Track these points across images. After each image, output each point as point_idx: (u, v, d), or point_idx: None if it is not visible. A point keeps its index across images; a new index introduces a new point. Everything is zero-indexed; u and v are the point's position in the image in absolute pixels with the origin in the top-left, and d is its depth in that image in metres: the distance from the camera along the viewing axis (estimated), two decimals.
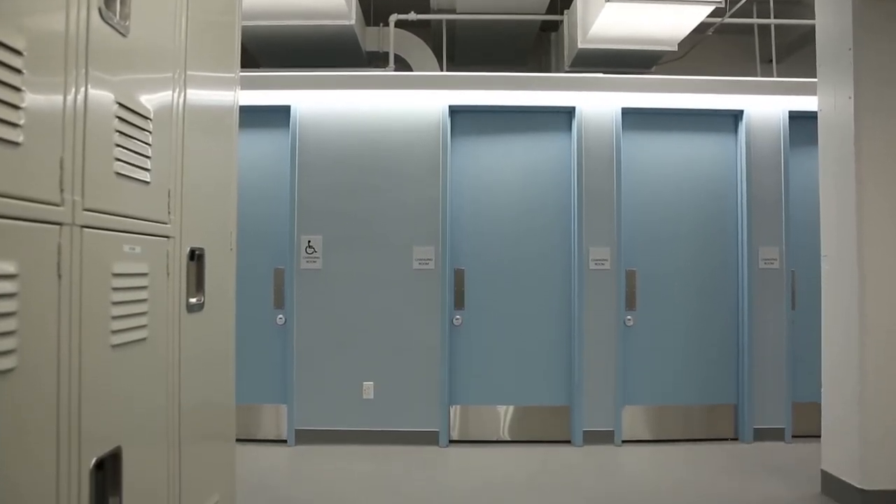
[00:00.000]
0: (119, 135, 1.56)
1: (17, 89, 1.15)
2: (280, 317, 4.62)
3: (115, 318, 1.54)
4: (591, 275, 4.63)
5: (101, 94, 1.47)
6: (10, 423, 1.14)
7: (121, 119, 1.56)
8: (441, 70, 5.34)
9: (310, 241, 4.61)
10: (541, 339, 4.70)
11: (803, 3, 5.43)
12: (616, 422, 4.60)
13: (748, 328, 4.66)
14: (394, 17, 5.08)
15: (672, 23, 4.56)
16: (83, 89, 1.38)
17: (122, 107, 1.57)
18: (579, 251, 4.62)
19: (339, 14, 4.57)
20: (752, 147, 4.72)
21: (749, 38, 5.60)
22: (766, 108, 4.74)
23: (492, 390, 4.68)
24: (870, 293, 3.36)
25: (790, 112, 4.72)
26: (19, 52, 1.15)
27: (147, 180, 1.71)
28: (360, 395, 4.58)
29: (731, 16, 5.06)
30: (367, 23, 5.49)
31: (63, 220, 1.31)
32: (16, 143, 1.15)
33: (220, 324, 2.36)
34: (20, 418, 1.17)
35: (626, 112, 4.69)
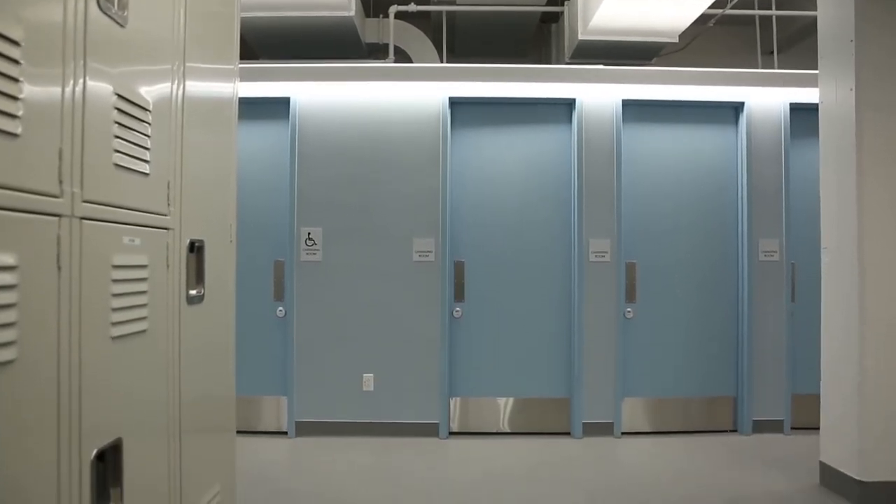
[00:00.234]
0: (118, 126, 1.55)
1: (15, 80, 1.15)
2: (280, 309, 4.62)
3: (115, 309, 1.54)
4: (591, 267, 4.63)
5: (99, 84, 1.46)
6: (11, 414, 1.14)
7: (120, 110, 1.56)
8: (441, 61, 5.32)
9: (310, 233, 4.60)
10: (541, 332, 4.70)
11: None
12: (616, 414, 4.61)
13: (748, 320, 4.67)
14: (393, 9, 5.06)
15: (673, 14, 4.54)
16: (81, 80, 1.37)
17: (121, 98, 1.56)
18: (579, 243, 4.62)
19: (338, 5, 4.56)
20: (752, 139, 4.71)
21: (750, 29, 5.57)
22: (767, 99, 4.72)
23: (492, 382, 4.69)
24: (870, 285, 3.36)
25: (791, 104, 4.70)
26: (17, 43, 1.14)
27: (146, 172, 1.71)
28: (360, 387, 4.59)
29: (732, 7, 5.04)
30: (367, 14, 5.47)
31: (62, 212, 1.30)
32: (14, 135, 1.15)
33: (220, 316, 2.36)
34: (20, 410, 1.17)
35: (627, 104, 4.68)
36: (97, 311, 1.46)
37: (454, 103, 4.71)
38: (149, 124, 1.71)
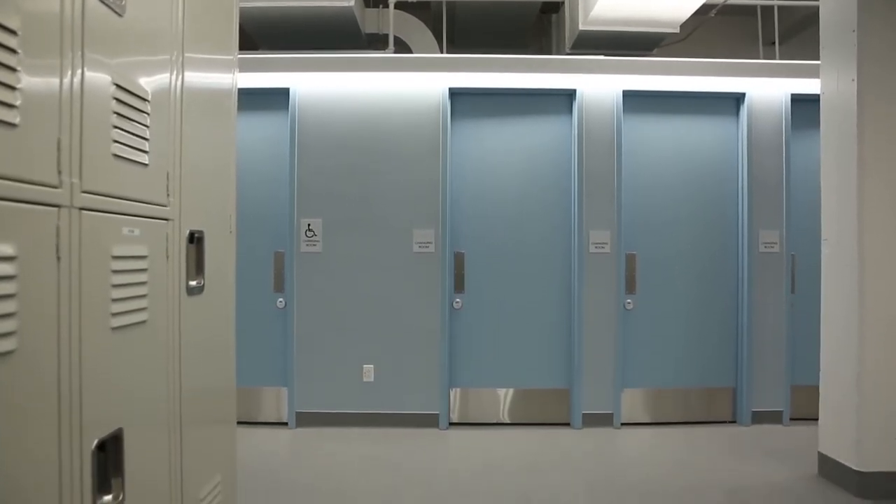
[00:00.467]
0: (117, 116, 1.55)
1: (13, 69, 1.14)
2: (280, 300, 4.63)
3: (115, 300, 1.54)
4: (591, 258, 4.63)
5: (97, 74, 1.45)
6: (11, 404, 1.14)
7: (118, 100, 1.55)
8: (441, 52, 5.30)
9: (309, 224, 4.60)
10: (541, 323, 4.71)
11: None
12: (615, 405, 4.63)
13: (748, 312, 4.67)
14: None
15: (674, 4, 4.52)
16: (79, 69, 1.37)
17: (120, 88, 1.55)
18: (579, 234, 4.62)
19: None
20: (753, 130, 4.70)
21: (752, 19, 5.55)
22: (768, 90, 4.71)
23: (492, 373, 4.70)
24: (870, 277, 3.37)
25: (792, 95, 4.69)
26: (14, 32, 1.14)
27: (145, 162, 1.70)
28: (360, 378, 4.60)
29: None
30: (367, 4, 5.44)
31: (61, 203, 1.30)
32: (12, 125, 1.14)
33: (220, 307, 2.36)
34: (21, 400, 1.17)
35: (628, 95, 4.67)
36: (97, 301, 1.46)
37: (454, 94, 4.69)
38: (148, 115, 1.70)
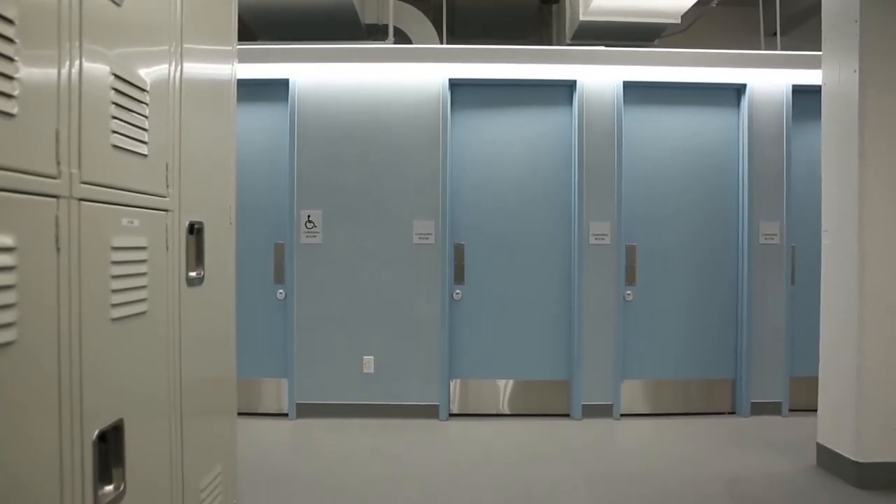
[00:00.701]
0: (115, 107, 1.54)
1: (11, 59, 1.14)
2: (280, 292, 4.63)
3: (115, 291, 1.54)
4: (591, 250, 4.63)
5: (96, 64, 1.45)
6: (12, 395, 1.15)
7: (117, 91, 1.54)
8: (441, 43, 5.27)
9: (309, 216, 4.60)
10: (540, 314, 4.72)
11: None
12: (615, 396, 4.64)
13: (747, 303, 4.67)
14: None
15: None
16: (78, 60, 1.36)
17: (118, 78, 1.55)
18: (579, 226, 4.62)
19: None
20: (754, 121, 4.69)
21: (753, 10, 5.51)
22: (769, 81, 4.69)
23: (491, 364, 4.71)
24: (870, 269, 3.36)
25: (794, 86, 4.67)
26: (11, 22, 1.13)
27: (144, 153, 1.70)
28: (360, 370, 4.61)
29: None
30: None
31: (60, 193, 1.30)
32: (10, 115, 1.14)
33: (220, 298, 2.36)
34: (21, 391, 1.17)
35: (628, 85, 4.65)
36: (97, 292, 1.46)
37: (454, 85, 4.68)
38: (147, 105, 1.70)
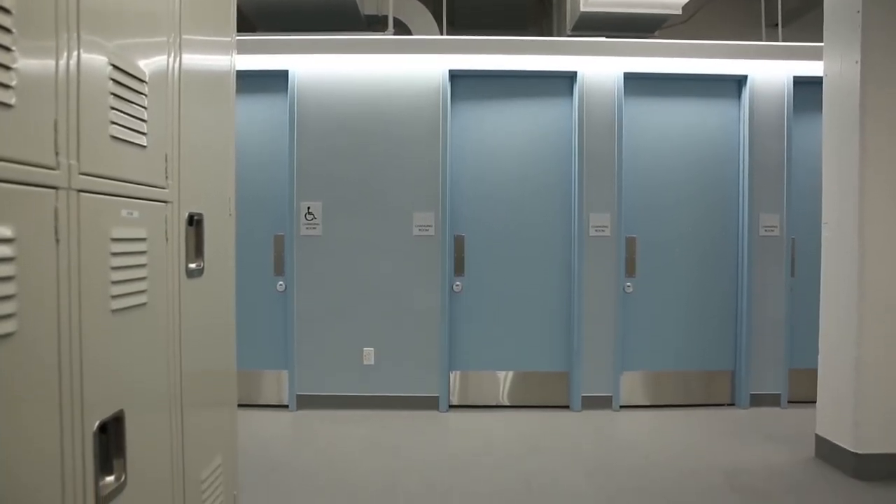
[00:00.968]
0: (114, 98, 1.53)
1: (8, 49, 1.13)
2: (280, 283, 4.63)
3: (115, 283, 1.54)
4: (591, 241, 4.63)
5: (94, 55, 1.44)
6: (12, 386, 1.15)
7: (115, 82, 1.54)
8: (441, 34, 5.25)
9: (309, 208, 4.59)
10: (540, 306, 4.72)
11: None
12: (615, 387, 4.65)
13: (747, 295, 4.68)
14: None
15: None
16: (76, 50, 1.35)
17: (117, 69, 1.54)
18: (579, 217, 4.61)
19: None
20: (755, 113, 4.68)
21: (754, 1, 5.48)
22: (770, 73, 4.68)
23: (491, 356, 4.72)
24: (870, 261, 3.37)
25: (795, 77, 4.66)
26: (8, 11, 1.12)
27: (144, 144, 1.69)
28: (360, 361, 4.62)
29: None
30: None
31: (59, 184, 1.29)
32: (8, 105, 1.13)
33: (220, 289, 2.36)
34: (22, 381, 1.17)
35: (629, 77, 4.64)
36: (97, 284, 1.45)
37: (454, 76, 4.66)
38: (145, 96, 1.69)
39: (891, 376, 3.37)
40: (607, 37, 4.67)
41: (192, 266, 2.04)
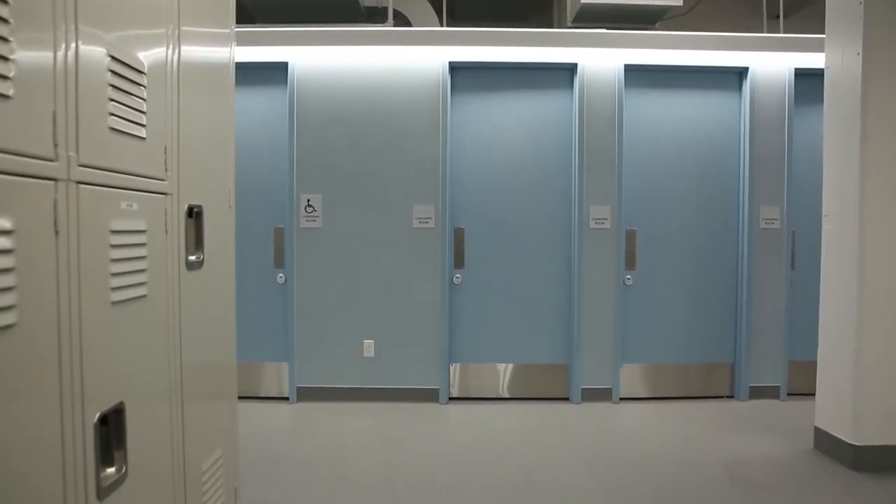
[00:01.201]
0: (113, 89, 1.53)
1: (5, 40, 1.12)
2: (280, 276, 4.63)
3: (115, 275, 1.54)
4: (591, 234, 4.62)
5: (92, 46, 1.43)
6: (12, 377, 1.15)
7: (114, 73, 1.53)
8: (441, 26, 5.23)
9: (309, 200, 4.59)
10: (540, 298, 4.72)
11: None
12: (614, 380, 4.66)
13: (747, 288, 4.68)
14: None
15: None
16: (74, 41, 1.35)
17: (115, 60, 1.53)
18: (580, 210, 4.61)
19: None
20: (756, 105, 4.66)
21: None
22: (771, 65, 4.66)
23: (491, 348, 4.73)
24: (870, 253, 3.36)
25: (796, 69, 4.64)
26: (5, 1, 1.12)
27: (143, 136, 1.69)
28: (360, 354, 4.62)
29: None
30: None
31: (58, 176, 1.29)
32: (6, 97, 1.13)
33: (220, 282, 2.36)
34: (22, 373, 1.18)
35: (629, 69, 4.62)
36: (96, 276, 1.45)
37: (454, 68, 4.65)
38: (144, 87, 1.69)
39: (890, 369, 3.37)
40: (608, 28, 4.65)
41: (192, 258, 2.04)
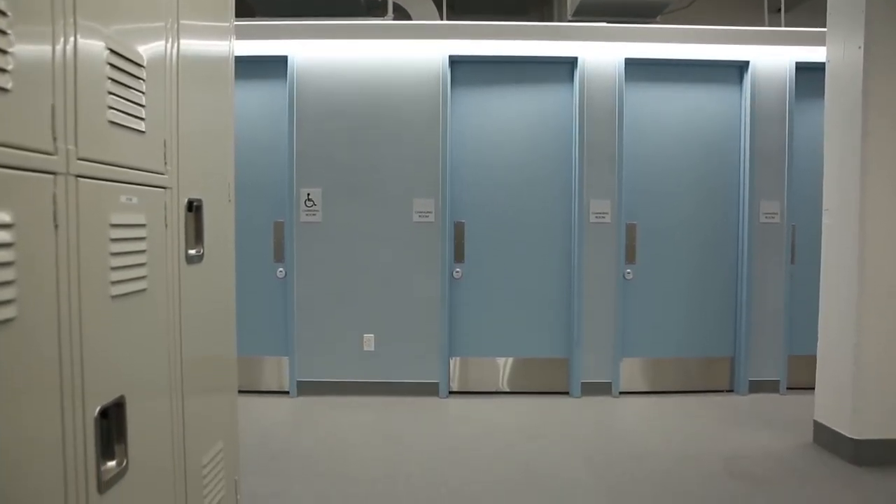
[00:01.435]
0: (112, 83, 1.52)
1: (4, 33, 1.12)
2: (280, 270, 4.63)
3: (114, 269, 1.53)
4: (591, 228, 4.62)
5: (91, 39, 1.43)
6: (12, 371, 1.15)
7: (113, 66, 1.52)
8: (441, 19, 5.22)
9: (309, 194, 4.58)
10: (540, 292, 4.72)
11: None
12: (614, 374, 4.67)
13: (747, 282, 4.68)
14: None
15: None
16: (72, 35, 1.34)
17: (114, 53, 1.53)
18: (580, 204, 4.60)
19: None
20: (757, 99, 4.65)
21: None
22: (772, 59, 4.65)
23: (491, 342, 4.73)
24: (870, 248, 3.36)
25: (797, 63, 4.63)
26: None
27: (142, 129, 1.68)
28: (360, 348, 4.63)
29: None
30: None
31: (57, 170, 1.29)
32: (5, 90, 1.12)
33: (220, 276, 2.36)
34: (22, 366, 1.18)
35: (630, 63, 4.61)
36: (96, 269, 1.45)
37: (454, 62, 4.63)
38: (144, 81, 1.68)
39: (890, 363, 3.37)
40: (608, 22, 4.64)
41: (192, 252, 2.03)
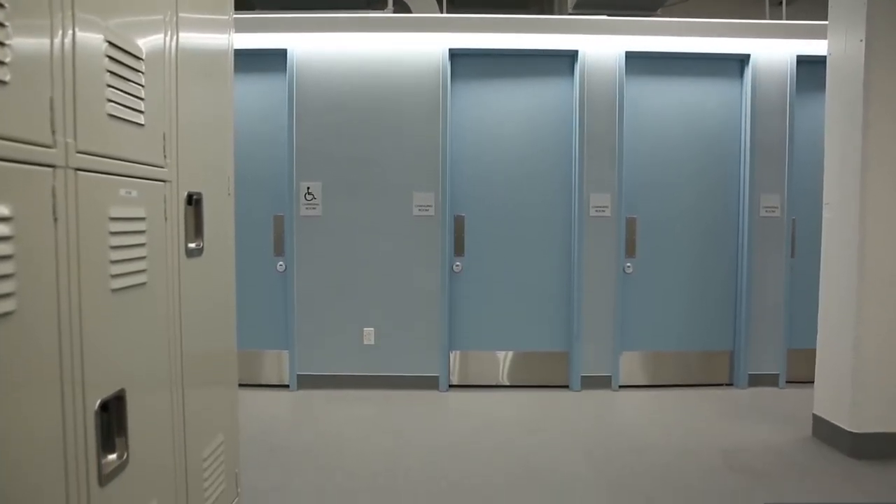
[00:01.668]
0: (111, 75, 1.52)
1: (2, 25, 1.11)
2: (280, 264, 4.63)
3: (114, 262, 1.53)
4: (591, 222, 4.62)
5: (90, 32, 1.42)
6: (12, 364, 1.15)
7: (112, 59, 1.52)
8: (441, 12, 5.20)
9: (309, 188, 4.58)
10: (540, 286, 4.73)
11: None
12: (614, 367, 4.67)
13: (747, 276, 4.68)
14: None
15: None
16: (71, 28, 1.33)
17: (113, 45, 1.52)
18: (580, 198, 4.60)
19: None
20: (757, 93, 4.64)
21: None
22: (773, 52, 4.63)
23: (491, 336, 4.74)
24: (870, 241, 3.36)
25: (798, 56, 4.62)
26: None
27: (141, 122, 1.68)
28: (360, 341, 4.63)
29: None
30: None
31: (56, 163, 1.28)
32: (3, 83, 1.12)
33: (219, 269, 2.36)
34: (22, 360, 1.18)
35: (630, 56, 4.60)
36: (96, 263, 1.45)
37: (454, 55, 4.62)
38: (143, 74, 1.67)
39: (889, 357, 3.38)
40: (609, 15, 4.62)
41: (192, 245, 2.03)
